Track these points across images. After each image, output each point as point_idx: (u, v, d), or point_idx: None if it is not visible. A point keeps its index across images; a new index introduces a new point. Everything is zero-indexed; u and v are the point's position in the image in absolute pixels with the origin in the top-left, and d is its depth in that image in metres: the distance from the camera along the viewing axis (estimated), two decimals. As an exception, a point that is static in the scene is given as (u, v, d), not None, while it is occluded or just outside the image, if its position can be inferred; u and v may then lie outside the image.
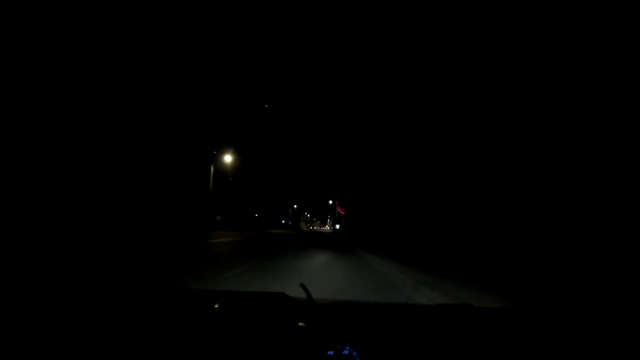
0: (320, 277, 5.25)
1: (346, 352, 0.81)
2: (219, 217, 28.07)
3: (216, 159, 22.73)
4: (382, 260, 7.76)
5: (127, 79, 16.04)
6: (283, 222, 65.83)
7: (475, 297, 3.64)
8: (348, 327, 0.98)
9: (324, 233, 43.40)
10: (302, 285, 1.10)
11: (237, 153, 27.34)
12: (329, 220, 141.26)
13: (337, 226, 51.75)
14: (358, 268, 6.81)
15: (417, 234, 17.25)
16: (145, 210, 17.89)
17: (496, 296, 3.78)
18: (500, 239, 11.70)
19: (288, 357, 0.82)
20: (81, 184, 14.18)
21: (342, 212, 70.52)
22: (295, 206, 72.85)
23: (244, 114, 34.91)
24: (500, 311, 1.35)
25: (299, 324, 0.94)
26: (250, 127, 37.87)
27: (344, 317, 1.11)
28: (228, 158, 24.56)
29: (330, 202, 60.54)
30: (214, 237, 14.42)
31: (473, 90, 16.53)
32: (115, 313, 1.02)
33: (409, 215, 21.69)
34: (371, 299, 3.58)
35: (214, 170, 21.61)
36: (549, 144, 11.81)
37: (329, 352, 0.81)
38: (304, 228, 79.73)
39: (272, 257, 7.58)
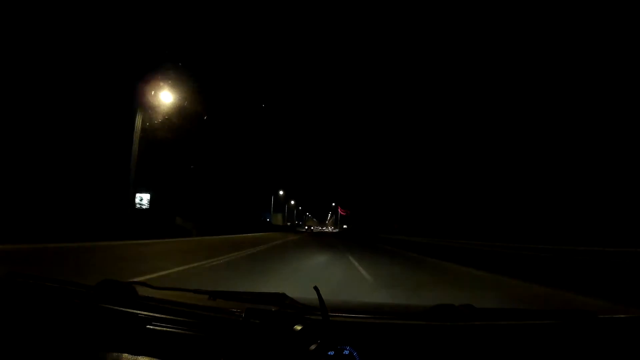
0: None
1: (346, 352, 0.82)
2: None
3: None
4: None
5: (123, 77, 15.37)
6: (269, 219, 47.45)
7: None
8: (348, 327, 0.99)
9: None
10: (315, 288, 1.08)
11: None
12: (330, 218, 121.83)
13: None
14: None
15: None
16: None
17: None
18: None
19: (289, 358, 0.83)
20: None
21: (343, 213, 67.76)
22: (281, 192, 50.66)
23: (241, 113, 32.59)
24: (501, 311, 1.31)
25: (299, 325, 0.92)
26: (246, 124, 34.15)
27: (344, 317, 1.11)
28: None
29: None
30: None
31: (471, 91, 17.18)
32: (115, 314, 1.03)
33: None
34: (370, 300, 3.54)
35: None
36: (547, 144, 12.30)
37: (329, 353, 0.82)
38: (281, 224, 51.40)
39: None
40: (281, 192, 53.55)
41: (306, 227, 62.59)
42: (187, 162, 22.63)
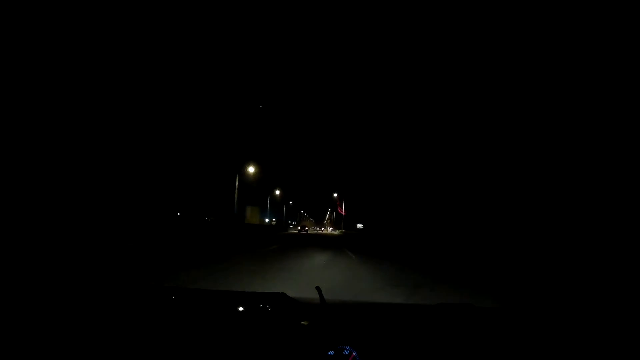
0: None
1: (346, 352, 0.82)
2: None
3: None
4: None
5: (122, 77, 15.52)
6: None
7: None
8: (348, 327, 0.98)
9: None
10: (317, 288, 1.11)
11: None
12: (328, 218, 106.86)
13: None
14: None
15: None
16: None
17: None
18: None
19: (289, 357, 0.83)
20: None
21: (343, 213, 66.35)
22: (251, 170, 27.79)
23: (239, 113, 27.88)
24: (501, 311, 1.38)
25: (299, 324, 0.93)
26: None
27: (344, 317, 1.11)
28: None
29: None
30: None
31: (471, 90, 17.84)
32: (115, 313, 1.02)
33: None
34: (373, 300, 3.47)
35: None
36: (538, 146, 12.79)
37: (329, 352, 0.82)
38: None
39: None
40: (251, 170, 27.81)
41: (299, 228, 45.87)
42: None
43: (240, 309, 1.02)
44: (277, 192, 48.75)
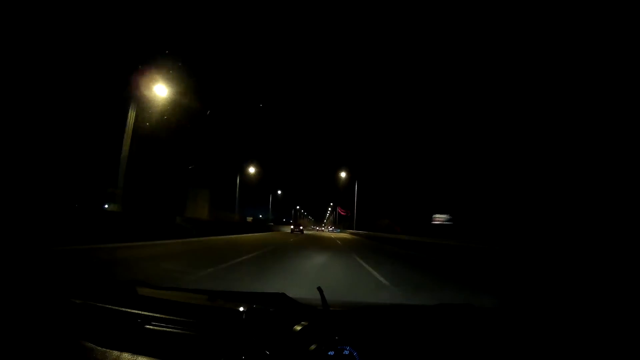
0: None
1: (347, 352, 0.83)
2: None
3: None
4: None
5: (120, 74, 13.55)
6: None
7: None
8: (348, 327, 0.99)
9: None
10: (319, 289, 1.10)
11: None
12: (328, 216, 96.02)
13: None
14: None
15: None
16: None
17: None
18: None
19: (289, 358, 0.83)
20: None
21: (343, 213, 65.33)
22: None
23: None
24: (501, 311, 1.40)
25: (299, 325, 0.93)
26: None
27: (344, 317, 1.12)
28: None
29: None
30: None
31: (470, 92, 17.13)
32: (114, 312, 1.01)
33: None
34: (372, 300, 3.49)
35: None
36: (542, 146, 12.41)
37: (329, 353, 0.83)
38: None
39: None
40: (162, 91, 11.50)
41: (293, 227, 36.17)
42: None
43: (240, 309, 1.03)
44: (252, 169, 31.81)
